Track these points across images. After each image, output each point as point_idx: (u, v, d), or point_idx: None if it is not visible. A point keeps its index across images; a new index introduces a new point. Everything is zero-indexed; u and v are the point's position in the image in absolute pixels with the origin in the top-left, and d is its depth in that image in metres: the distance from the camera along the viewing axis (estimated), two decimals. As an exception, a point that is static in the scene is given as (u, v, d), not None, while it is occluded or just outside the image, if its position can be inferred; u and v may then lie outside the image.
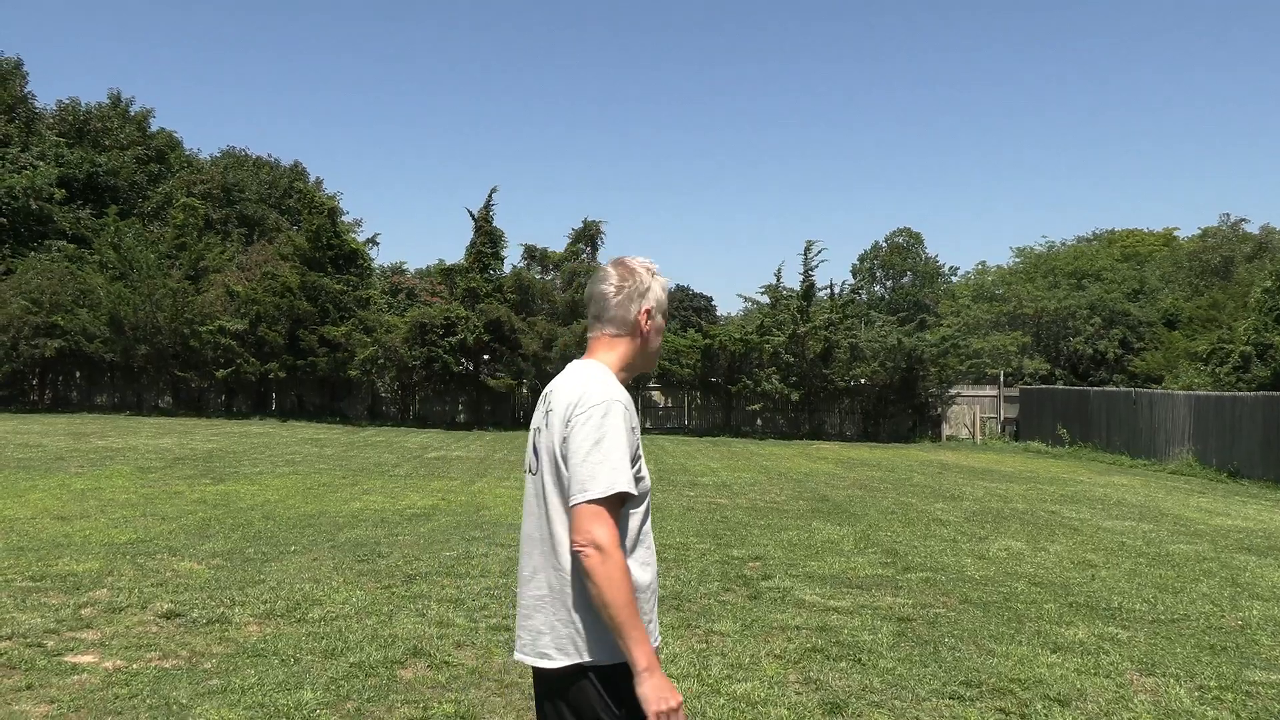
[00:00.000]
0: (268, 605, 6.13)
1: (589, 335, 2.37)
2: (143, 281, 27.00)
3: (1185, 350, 30.02)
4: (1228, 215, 47.44)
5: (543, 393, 2.31)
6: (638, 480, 2.14)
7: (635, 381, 27.64)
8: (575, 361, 2.33)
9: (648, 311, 2.34)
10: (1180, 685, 5.07)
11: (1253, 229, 45.14)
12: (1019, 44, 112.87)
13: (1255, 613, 6.85)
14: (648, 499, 2.24)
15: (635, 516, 2.18)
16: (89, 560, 7.29)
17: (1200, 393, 20.53)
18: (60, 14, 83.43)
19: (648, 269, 2.38)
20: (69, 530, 8.56)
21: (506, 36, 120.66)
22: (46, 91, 53.34)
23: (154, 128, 44.47)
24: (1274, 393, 18.42)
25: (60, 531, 8.49)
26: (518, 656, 2.24)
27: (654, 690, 2.01)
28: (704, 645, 5.54)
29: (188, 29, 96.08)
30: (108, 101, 42.79)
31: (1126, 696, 4.85)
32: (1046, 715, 4.53)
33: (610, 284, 2.33)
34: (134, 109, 43.67)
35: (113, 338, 26.80)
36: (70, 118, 40.38)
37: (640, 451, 2.20)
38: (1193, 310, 34.60)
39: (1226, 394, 19.47)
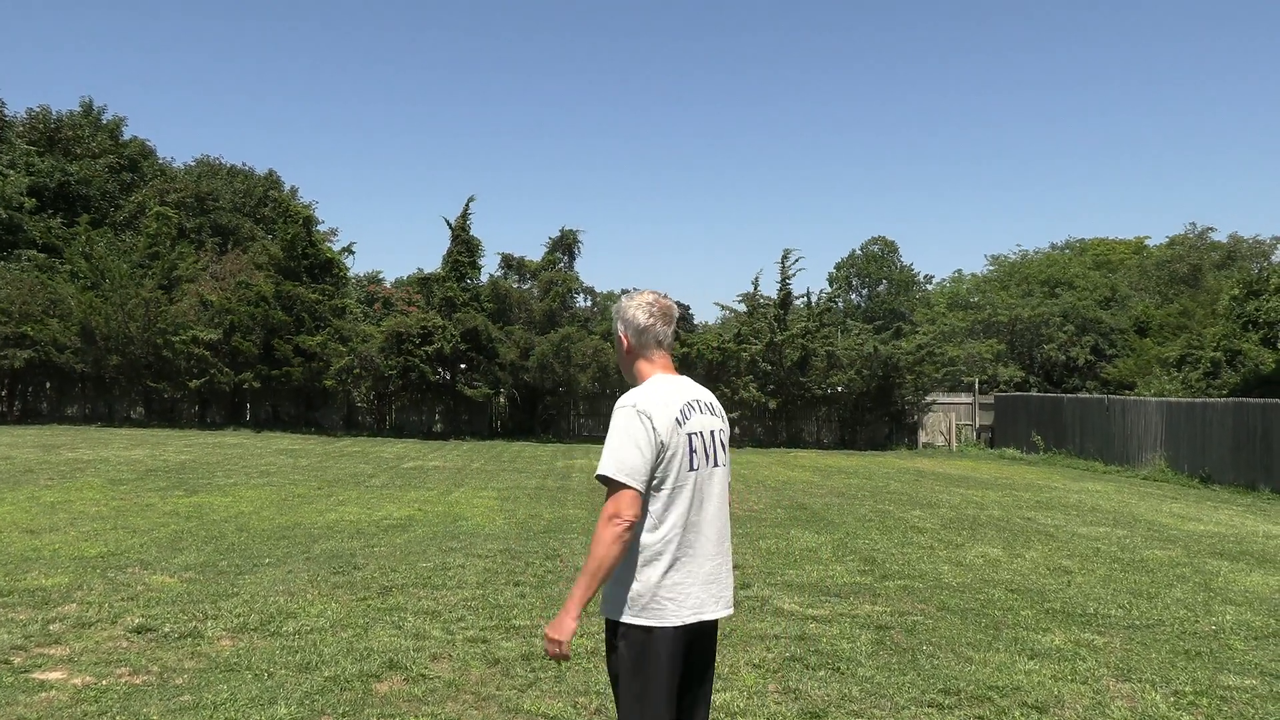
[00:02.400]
0: (241, 619, 6.05)
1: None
2: (115, 291, 26.67)
3: (1156, 357, 30.41)
4: (1194, 224, 48.16)
5: (686, 401, 2.80)
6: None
7: (614, 390, 27.60)
8: (683, 377, 2.94)
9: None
10: (1156, 691, 5.11)
11: (1220, 237, 45.81)
12: (994, 54, 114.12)
13: (1229, 618, 6.91)
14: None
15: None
16: (58, 574, 7.17)
17: (1172, 399, 20.77)
18: (30, 21, 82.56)
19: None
20: (38, 544, 8.42)
21: (483, 44, 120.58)
22: (16, 99, 52.85)
23: (126, 136, 44.04)
24: (1244, 399, 18.67)
25: (29, 545, 8.35)
26: (720, 614, 2.81)
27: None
28: (683, 655, 5.52)
29: (160, 36, 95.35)
30: (79, 109, 42.34)
31: (1103, 702, 4.88)
32: (1024, 722, 4.54)
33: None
34: (106, 117, 43.25)
35: (84, 348, 26.45)
36: (41, 126, 39.90)
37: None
38: (1163, 317, 35.06)
39: (1198, 400, 19.70)
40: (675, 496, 2.71)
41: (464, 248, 28.07)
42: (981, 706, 4.75)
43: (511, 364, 26.28)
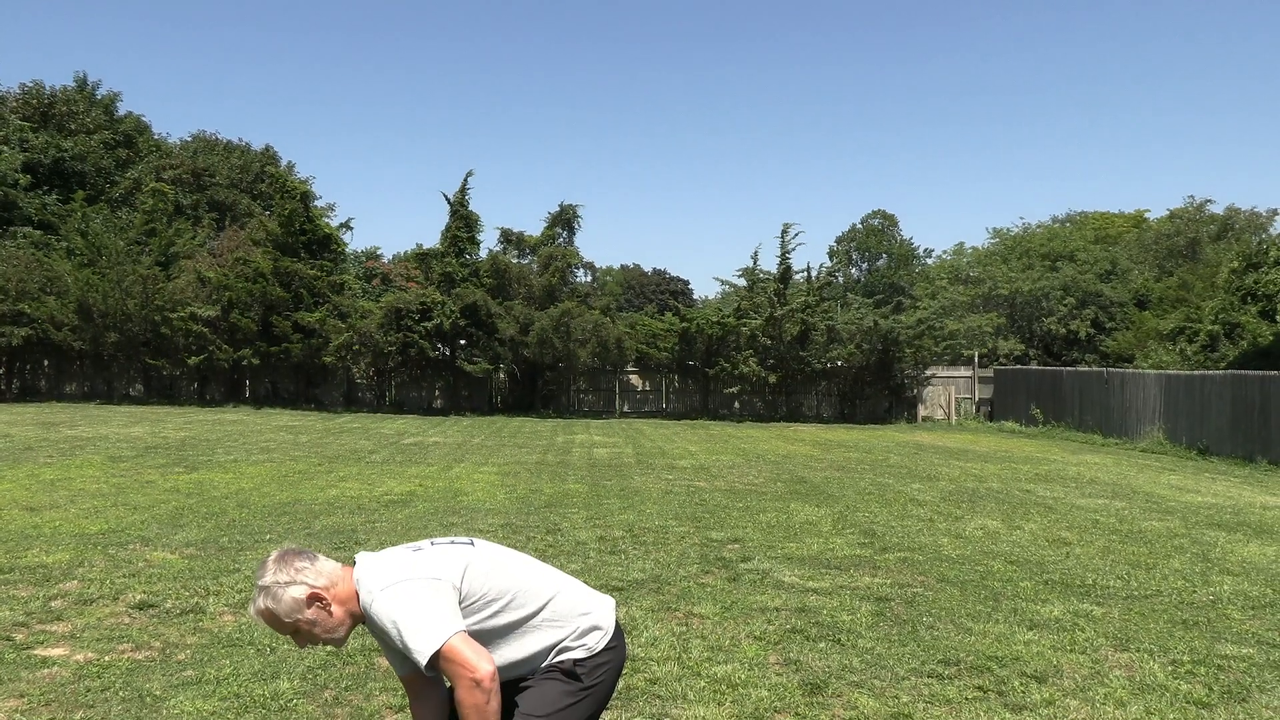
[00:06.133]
0: (243, 594, 6.07)
1: None
2: (111, 268, 26.59)
3: (1155, 330, 30.39)
4: (1193, 197, 48.00)
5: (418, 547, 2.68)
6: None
7: (614, 365, 27.67)
8: None
9: None
10: (1154, 660, 5.13)
11: (1218, 209, 45.67)
12: (994, 25, 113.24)
13: (1226, 588, 6.94)
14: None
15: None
16: (59, 551, 7.19)
17: (1170, 372, 20.78)
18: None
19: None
20: (38, 521, 8.43)
21: (481, 18, 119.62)
22: (9, 74, 52.43)
23: (122, 111, 43.78)
24: (1242, 371, 18.67)
25: (29, 522, 8.36)
26: None
27: None
28: (684, 628, 5.54)
29: (154, 9, 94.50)
30: (73, 85, 42.03)
31: (1102, 672, 4.90)
32: (1024, 692, 4.57)
33: None
34: (101, 92, 42.94)
35: (82, 325, 26.40)
36: (35, 101, 39.61)
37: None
38: (1163, 290, 35.02)
39: (1196, 373, 19.70)
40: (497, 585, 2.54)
41: (463, 223, 27.96)
42: (981, 677, 4.78)
43: (511, 339, 26.25)
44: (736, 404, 28.20)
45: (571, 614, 2.59)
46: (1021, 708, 4.39)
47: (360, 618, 2.47)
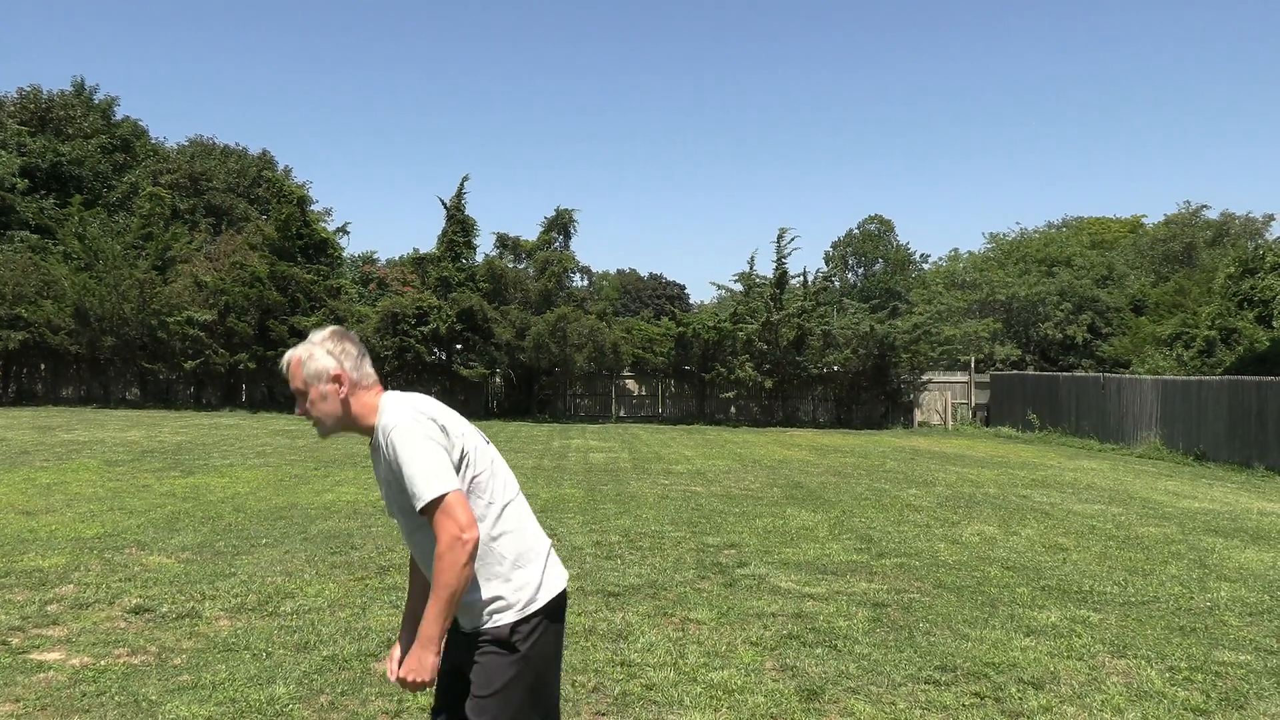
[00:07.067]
0: (239, 599, 6.06)
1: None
2: (108, 272, 26.57)
3: (1152, 335, 30.43)
4: (1188, 203, 48.17)
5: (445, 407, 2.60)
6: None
7: (610, 369, 27.67)
8: None
9: None
10: (1151, 667, 5.13)
11: (1213, 215, 45.80)
12: (990, 31, 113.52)
13: (1223, 594, 6.94)
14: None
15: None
16: (55, 555, 7.17)
17: (1167, 377, 20.81)
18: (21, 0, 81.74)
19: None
20: (34, 525, 8.41)
21: (477, 23, 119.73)
22: (7, 78, 52.39)
23: (119, 116, 43.74)
24: (1239, 377, 18.70)
25: (25, 526, 8.34)
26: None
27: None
28: (680, 633, 5.54)
29: (153, 14, 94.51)
30: (71, 89, 42.02)
31: (1099, 678, 4.90)
32: (1020, 698, 4.57)
33: None
34: (98, 97, 42.93)
35: (78, 329, 26.37)
36: (32, 105, 39.59)
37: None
38: (1159, 296, 35.06)
39: (1193, 378, 19.73)
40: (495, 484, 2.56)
41: (459, 227, 27.97)
42: (978, 683, 4.77)
43: (507, 344, 26.25)
44: (733, 409, 28.20)
45: (517, 558, 2.54)
46: (1018, 714, 4.38)
47: (356, 429, 2.53)
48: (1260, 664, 5.23)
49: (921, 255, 69.50)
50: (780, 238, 28.25)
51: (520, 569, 2.52)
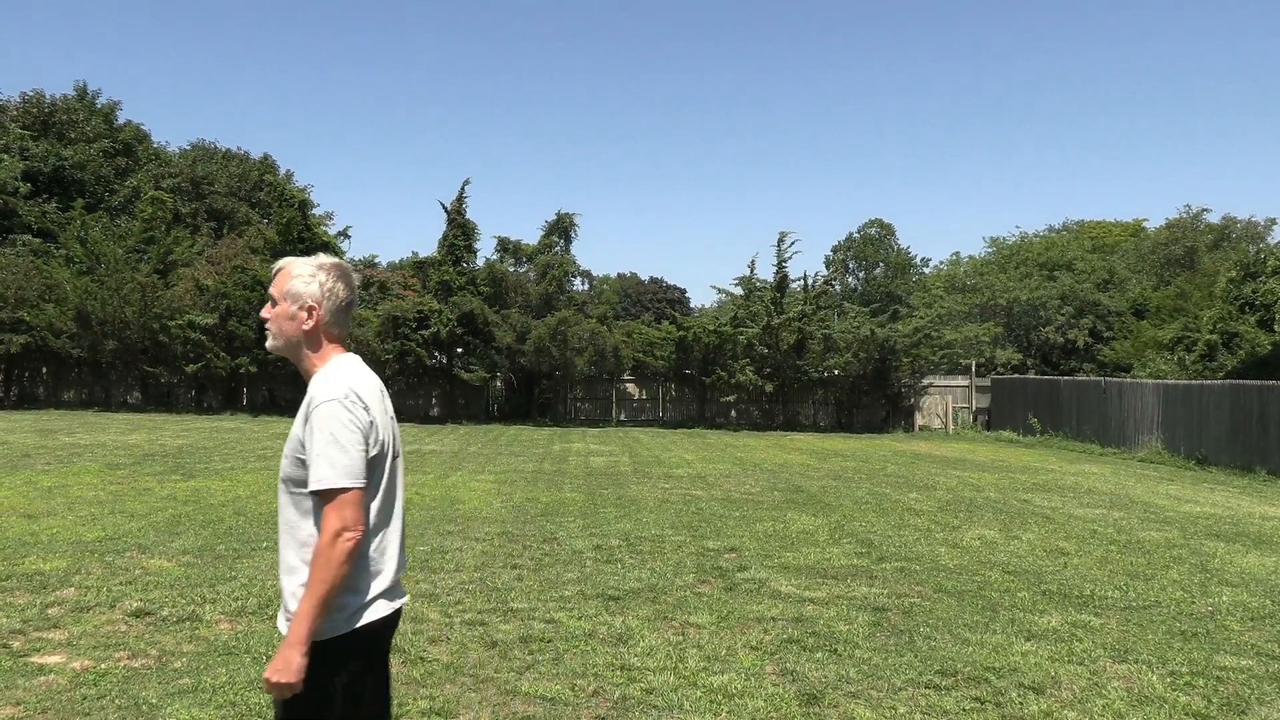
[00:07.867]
0: (239, 602, 6.06)
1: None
2: (110, 276, 26.59)
3: (1153, 339, 30.40)
4: (1189, 206, 48.10)
5: (380, 389, 2.58)
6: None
7: (611, 373, 27.67)
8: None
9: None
10: (1153, 671, 5.12)
11: (1215, 218, 45.75)
12: (990, 34, 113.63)
13: (1225, 598, 6.93)
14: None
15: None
16: (56, 559, 7.17)
17: (1168, 381, 20.80)
18: (24, 4, 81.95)
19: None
20: (35, 528, 8.41)
21: (478, 28, 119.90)
22: (10, 83, 52.56)
23: (121, 120, 43.79)
24: (1241, 381, 18.69)
25: (27, 530, 8.34)
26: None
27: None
28: (680, 637, 5.53)
29: (155, 19, 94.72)
30: (73, 94, 42.06)
31: (1100, 683, 4.90)
32: (1021, 703, 4.56)
33: None
34: (100, 101, 42.97)
35: (80, 333, 26.40)
36: (35, 110, 39.64)
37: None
38: (1160, 300, 35.03)
39: (1194, 382, 19.72)
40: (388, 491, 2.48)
41: (460, 231, 27.99)
42: (978, 688, 4.77)
43: (508, 348, 26.26)
44: (733, 412, 28.20)
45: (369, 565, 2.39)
46: (1019, 719, 4.38)
47: (299, 365, 2.49)
48: (1262, 669, 5.23)
49: (922, 259, 69.47)
50: (781, 241, 28.29)
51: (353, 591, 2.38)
